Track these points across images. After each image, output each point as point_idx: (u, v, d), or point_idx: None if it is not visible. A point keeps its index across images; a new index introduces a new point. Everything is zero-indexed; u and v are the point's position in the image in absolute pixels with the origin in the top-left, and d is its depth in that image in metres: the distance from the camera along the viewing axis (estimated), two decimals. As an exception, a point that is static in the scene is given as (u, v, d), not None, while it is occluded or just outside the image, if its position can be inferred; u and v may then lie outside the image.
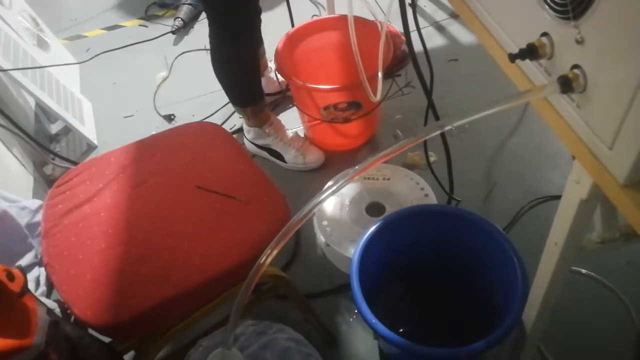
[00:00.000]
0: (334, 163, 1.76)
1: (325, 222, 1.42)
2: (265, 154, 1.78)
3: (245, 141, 1.80)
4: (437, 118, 1.32)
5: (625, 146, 0.53)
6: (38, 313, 0.74)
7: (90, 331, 0.90)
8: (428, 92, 1.23)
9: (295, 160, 1.73)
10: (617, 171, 0.56)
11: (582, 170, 0.65)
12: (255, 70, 1.60)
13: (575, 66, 0.57)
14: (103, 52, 2.36)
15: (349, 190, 1.49)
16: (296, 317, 1.26)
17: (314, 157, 1.74)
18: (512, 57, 0.63)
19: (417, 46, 1.21)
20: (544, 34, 0.61)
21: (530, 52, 0.62)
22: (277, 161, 1.77)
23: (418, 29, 1.20)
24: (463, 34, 2.19)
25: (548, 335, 1.20)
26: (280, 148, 1.74)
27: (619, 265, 1.38)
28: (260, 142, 1.76)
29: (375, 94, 1.35)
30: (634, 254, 1.39)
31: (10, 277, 0.72)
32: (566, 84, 0.57)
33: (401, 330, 1.27)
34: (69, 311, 0.89)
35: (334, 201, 1.46)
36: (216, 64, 1.56)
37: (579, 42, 0.55)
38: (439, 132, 0.63)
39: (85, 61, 2.31)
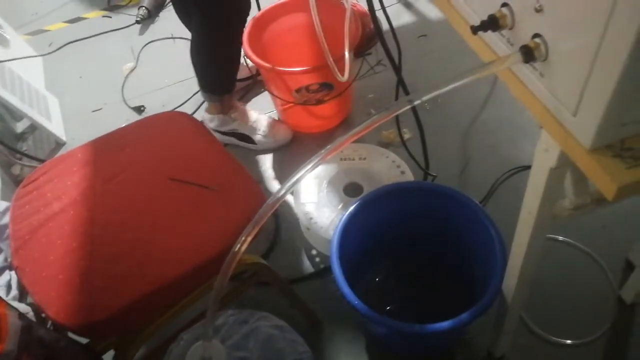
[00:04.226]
0: (309, 145, 1.74)
1: (304, 206, 1.41)
2: (233, 140, 1.75)
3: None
4: (407, 94, 1.31)
5: (588, 111, 0.53)
6: (9, 319, 0.72)
7: (68, 333, 0.88)
8: (397, 69, 1.23)
9: (265, 139, 1.72)
10: (583, 137, 0.56)
11: (550, 139, 0.65)
12: (239, 57, 1.60)
13: (536, 35, 0.57)
14: (67, 44, 2.29)
15: (326, 171, 1.48)
16: (281, 303, 1.26)
17: (282, 133, 1.73)
18: (474, 29, 0.63)
19: (385, 24, 1.21)
20: (504, 5, 0.61)
21: (492, 23, 0.61)
22: (247, 144, 1.74)
23: (383, 7, 1.19)
24: (431, 10, 2.17)
25: (530, 303, 1.22)
26: (247, 130, 1.72)
27: (594, 229, 1.41)
28: (226, 128, 1.72)
29: (342, 74, 1.34)
30: (609, 217, 1.41)
31: (-23, 284, 0.70)
32: (528, 53, 0.57)
33: (388, 308, 1.28)
34: (43, 314, 0.87)
35: (312, 183, 1.46)
36: (204, 53, 1.54)
37: (538, 10, 0.55)
38: (408, 106, 0.62)
39: (48, 54, 2.24)
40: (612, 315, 1.26)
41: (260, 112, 1.78)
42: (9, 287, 1.09)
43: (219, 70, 1.60)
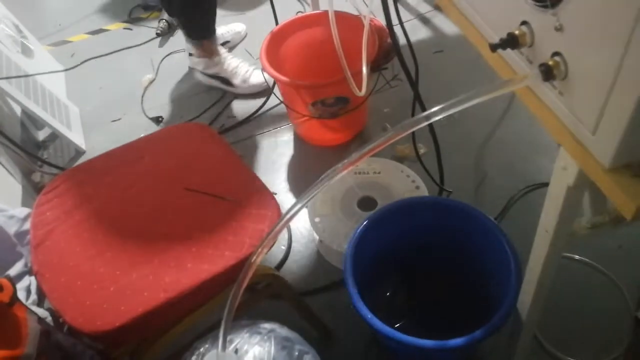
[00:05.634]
0: (324, 158, 1.75)
1: (317, 219, 1.42)
2: (217, 83, 2.00)
3: (197, 74, 2.02)
4: (423, 110, 1.32)
5: (608, 130, 0.53)
6: (28, 323, 0.73)
7: (85, 339, 0.89)
8: (414, 84, 1.23)
9: (243, 84, 1.97)
10: (602, 156, 0.56)
11: (568, 157, 0.65)
12: (209, 5, 1.82)
13: (556, 53, 0.57)
14: (88, 56, 2.34)
15: (340, 185, 1.48)
16: (292, 315, 1.26)
17: (258, 79, 1.96)
18: (493, 47, 0.63)
19: (402, 39, 1.22)
20: (524, 23, 0.61)
21: (511, 41, 0.62)
22: (227, 87, 1.99)
23: (400, 22, 1.20)
24: (447, 26, 2.18)
25: (544, 322, 1.21)
26: (228, 75, 1.97)
27: (611, 249, 1.39)
28: (210, 71, 1.97)
29: (360, 89, 1.35)
30: (626, 237, 1.40)
31: (-1, 287, 0.71)
32: (547, 72, 0.57)
33: (399, 322, 1.27)
34: (60, 319, 0.88)
35: (326, 197, 1.46)
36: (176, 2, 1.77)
37: (558, 29, 0.55)
38: (425, 123, 0.62)
39: (71, 68, 2.29)
40: (628, 337, 1.24)
41: (243, 60, 2.00)
42: (28, 291, 1.10)
43: (197, 16, 1.83)
